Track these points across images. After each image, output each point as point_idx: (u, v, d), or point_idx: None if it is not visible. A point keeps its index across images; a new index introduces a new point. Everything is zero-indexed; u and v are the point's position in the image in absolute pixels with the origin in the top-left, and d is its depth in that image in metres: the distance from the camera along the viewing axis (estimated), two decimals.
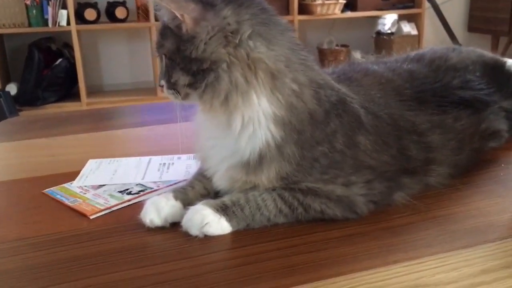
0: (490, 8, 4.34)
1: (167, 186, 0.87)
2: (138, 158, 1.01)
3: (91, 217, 0.77)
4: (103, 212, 0.79)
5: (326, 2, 3.90)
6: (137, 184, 0.88)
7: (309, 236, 0.70)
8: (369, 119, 0.76)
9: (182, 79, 0.70)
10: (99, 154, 1.04)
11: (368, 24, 4.26)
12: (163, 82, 0.74)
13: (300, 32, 4.06)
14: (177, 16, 0.68)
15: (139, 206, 0.78)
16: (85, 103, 3.56)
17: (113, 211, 0.80)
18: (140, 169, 0.95)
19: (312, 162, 0.72)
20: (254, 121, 0.70)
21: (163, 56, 0.73)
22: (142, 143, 1.15)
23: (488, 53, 1.11)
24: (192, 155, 1.00)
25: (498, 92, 1.00)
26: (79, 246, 0.70)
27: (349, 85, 0.81)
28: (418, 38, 4.11)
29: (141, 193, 0.85)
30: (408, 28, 4.14)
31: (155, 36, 3.42)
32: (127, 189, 0.86)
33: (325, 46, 4.18)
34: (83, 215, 0.78)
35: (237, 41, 0.68)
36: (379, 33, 4.21)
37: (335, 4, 3.93)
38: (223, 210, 0.71)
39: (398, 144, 0.78)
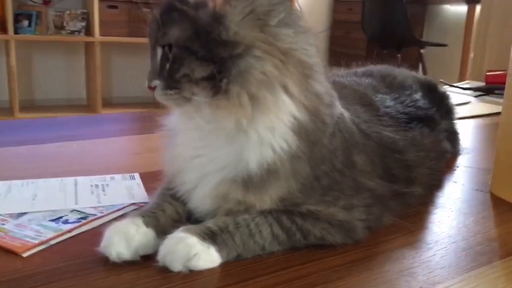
0: (347, 45, 4.71)
1: (115, 211, 0.70)
2: (59, 179, 0.81)
3: (25, 255, 0.58)
4: (39, 248, 0.60)
5: None
6: (72, 211, 0.70)
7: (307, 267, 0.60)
8: (360, 137, 0.70)
9: (200, 70, 0.56)
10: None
11: None
12: (156, 82, 0.59)
13: None
14: None
15: (86, 237, 0.62)
16: None
17: (52, 245, 0.61)
18: (67, 193, 0.76)
19: (313, 181, 0.62)
20: (275, 125, 0.59)
21: (163, 48, 0.59)
22: (52, 162, 0.94)
23: (418, 74, 1.14)
24: (128, 175, 0.85)
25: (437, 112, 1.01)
26: None
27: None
28: None
29: (83, 221, 0.67)
30: None
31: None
32: (60, 217, 0.68)
33: None
34: (12, 252, 0.58)
35: (269, 25, 0.57)
36: None
37: None
38: (211, 238, 0.57)
39: (383, 163, 0.73)
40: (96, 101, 3.77)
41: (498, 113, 1.62)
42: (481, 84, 2.63)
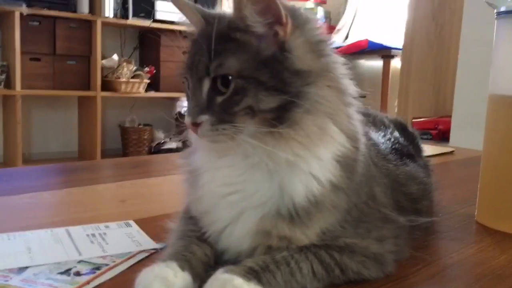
0: None
1: (127, 260, 0.64)
2: (48, 230, 0.74)
3: None
4: None
5: (131, 80, 3.80)
6: (79, 262, 0.63)
7: None
8: (375, 170, 0.70)
9: (269, 101, 0.54)
10: None
11: (169, 105, 4.28)
12: (205, 117, 0.55)
13: (102, 110, 3.83)
14: (277, 19, 0.55)
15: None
16: None
17: None
18: (65, 244, 0.69)
19: (347, 212, 0.61)
20: (323, 155, 0.57)
21: (214, 80, 0.55)
22: (32, 213, 0.85)
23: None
24: (123, 222, 0.79)
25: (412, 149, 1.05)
26: None
27: None
28: None
29: (97, 271, 0.60)
30: None
31: None
32: (69, 269, 0.61)
33: (127, 124, 4.03)
34: None
35: (323, 54, 0.57)
36: (180, 114, 4.25)
37: (140, 83, 3.86)
38: (255, 278, 0.54)
39: (393, 195, 0.74)
40: (16, 157, 3.54)
41: (445, 153, 1.73)
42: None
